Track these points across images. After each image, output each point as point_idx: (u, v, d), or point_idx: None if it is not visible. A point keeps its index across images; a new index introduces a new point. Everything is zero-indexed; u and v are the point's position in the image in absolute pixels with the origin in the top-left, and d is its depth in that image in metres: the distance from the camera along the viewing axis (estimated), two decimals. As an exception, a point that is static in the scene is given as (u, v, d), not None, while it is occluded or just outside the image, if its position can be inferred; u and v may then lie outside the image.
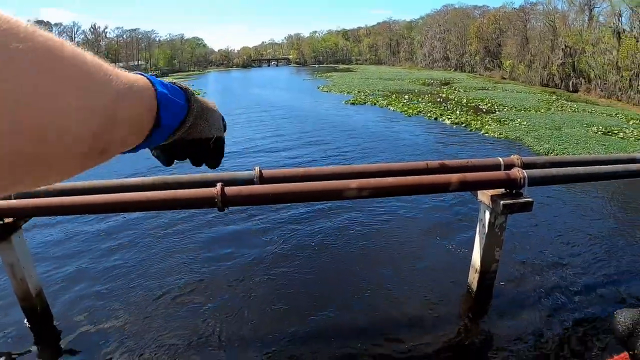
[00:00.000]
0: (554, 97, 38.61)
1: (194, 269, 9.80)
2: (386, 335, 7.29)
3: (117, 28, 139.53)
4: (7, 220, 7.04)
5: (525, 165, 7.13)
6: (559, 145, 19.39)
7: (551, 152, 18.36)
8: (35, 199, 6.86)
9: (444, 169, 7.00)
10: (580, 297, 7.99)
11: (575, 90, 45.41)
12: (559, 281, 8.46)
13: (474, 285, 7.67)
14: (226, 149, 1.18)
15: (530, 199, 6.68)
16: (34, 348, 7.58)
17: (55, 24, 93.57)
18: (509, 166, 7.08)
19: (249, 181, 7.08)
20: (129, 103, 0.70)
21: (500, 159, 7.32)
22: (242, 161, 20.21)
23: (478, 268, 7.44)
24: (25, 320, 7.87)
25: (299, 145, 22.87)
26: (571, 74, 46.80)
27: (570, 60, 46.88)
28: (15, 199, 6.93)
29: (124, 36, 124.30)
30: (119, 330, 7.82)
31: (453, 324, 7.45)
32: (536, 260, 9.22)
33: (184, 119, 0.93)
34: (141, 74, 0.80)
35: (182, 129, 0.93)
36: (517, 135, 21.55)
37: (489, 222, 6.95)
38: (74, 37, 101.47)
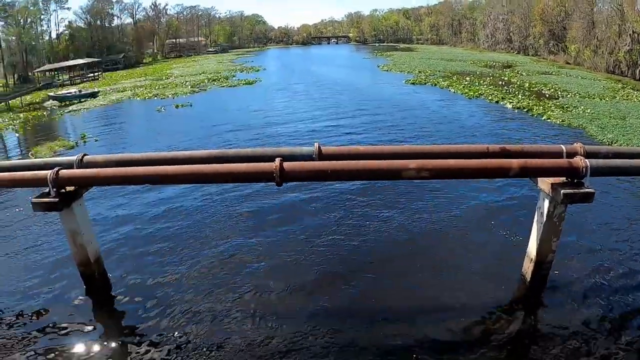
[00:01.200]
0: (620, 85, 36.83)
1: (250, 241, 10.11)
2: (436, 320, 7.38)
3: (177, 5, 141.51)
4: (69, 188, 7.41)
5: (588, 155, 6.90)
6: (623, 135, 18.61)
7: (615, 143, 17.65)
8: (96, 169, 7.25)
9: (504, 154, 6.91)
10: (637, 300, 7.63)
11: (643, 79, 43.30)
12: (615, 276, 8.19)
13: (528, 275, 7.56)
14: (287, 125, 1.12)
15: (592, 190, 6.50)
16: (92, 313, 8.02)
17: (117, 1, 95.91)
18: (571, 154, 6.88)
19: (307, 157, 7.21)
20: None
21: (563, 147, 7.13)
22: (302, 135, 20.43)
23: (534, 258, 7.32)
24: (84, 285, 8.29)
25: (359, 122, 22.95)
26: (639, 62, 44.53)
27: (638, 47, 44.55)
28: (77, 168, 7.38)
29: (184, 13, 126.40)
30: (172, 298, 8.20)
31: (505, 313, 7.39)
32: (594, 253, 8.96)
33: None
34: None
35: None
36: (580, 122, 20.80)
37: (548, 211, 6.82)
38: (135, 14, 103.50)
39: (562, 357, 6.38)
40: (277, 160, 6.58)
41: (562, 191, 6.46)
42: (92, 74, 60.94)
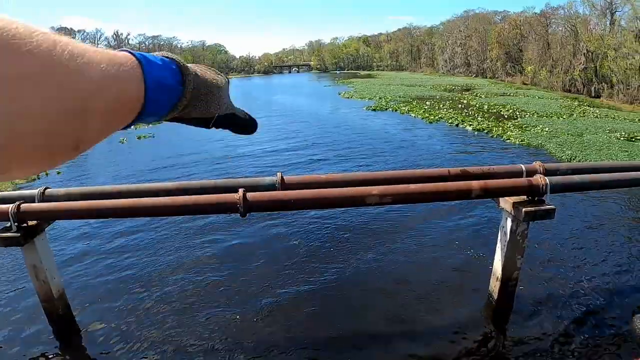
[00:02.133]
0: (576, 102, 38.13)
1: (219, 275, 9.90)
2: (404, 342, 7.34)
3: (140, 35, 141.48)
4: (31, 223, 7.16)
5: (548, 172, 7.09)
6: (581, 151, 19.17)
7: (574, 159, 18.16)
8: (58, 203, 7.03)
9: (465, 176, 6.99)
10: (600, 304, 7.95)
11: (598, 96, 44.78)
12: (579, 288, 8.42)
13: (495, 294, 7.58)
14: (250, 155, 1.14)
15: (552, 206, 6.59)
16: (56, 350, 7.75)
17: (79, 31, 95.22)
18: (531, 173, 7.03)
19: (270, 187, 7.15)
20: (109, 93, 0.67)
21: (522, 166, 7.28)
22: (264, 165, 20.41)
23: (499, 276, 7.35)
24: (48, 322, 7.94)
25: (321, 150, 23.06)
26: (593, 79, 46.18)
27: (592, 65, 46.28)
28: (39, 202, 7.15)
29: (146, 43, 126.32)
30: (139, 336, 7.94)
31: (473, 332, 7.44)
32: (557, 267, 9.17)
33: (177, 101, 0.87)
34: (129, 52, 0.76)
35: (175, 111, 0.88)
36: (539, 141, 21.35)
37: (511, 230, 6.89)
38: (97, 43, 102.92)
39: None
40: (240, 190, 6.49)
41: (523, 210, 6.54)
42: None
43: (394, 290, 8.92)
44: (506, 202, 6.89)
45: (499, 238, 7.34)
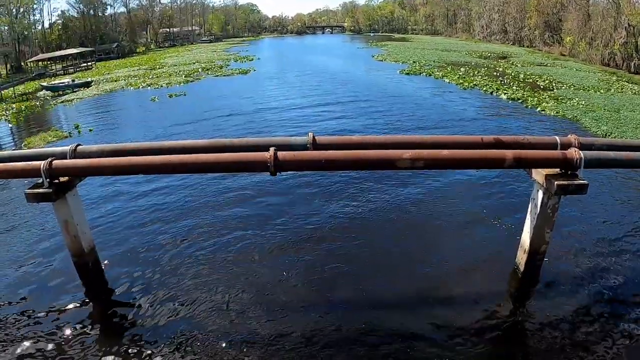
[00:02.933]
0: (615, 77, 36.81)
1: (245, 231, 10.08)
2: (427, 305, 7.46)
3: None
4: (62, 179, 7.32)
5: (583, 146, 6.88)
6: (617, 128, 18.62)
7: (609, 135, 17.67)
8: (89, 159, 7.19)
9: (499, 145, 6.90)
10: (627, 285, 7.73)
11: (637, 72, 43.19)
12: (608, 268, 8.20)
13: (522, 266, 7.57)
14: (282, 114, 1.10)
15: (585, 182, 6.47)
16: (85, 301, 8.03)
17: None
18: (566, 146, 6.87)
19: (302, 147, 7.19)
20: None
21: (557, 138, 7.11)
22: (296, 124, 20.40)
23: (527, 249, 7.32)
24: (78, 275, 8.26)
25: (353, 111, 22.87)
26: (634, 55, 44.47)
27: (634, 40, 44.50)
28: (70, 158, 7.32)
29: (178, 2, 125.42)
30: (165, 288, 8.20)
31: (497, 302, 7.45)
32: (586, 245, 8.96)
33: None
34: None
35: None
36: (575, 114, 20.79)
37: (542, 202, 6.81)
38: (128, 3, 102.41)
39: (554, 346, 6.42)
40: (271, 150, 6.56)
41: (555, 183, 6.44)
42: (85, 64, 60.33)
43: (420, 254, 8.97)
44: (539, 174, 6.79)
45: (529, 210, 7.27)
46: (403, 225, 10.18)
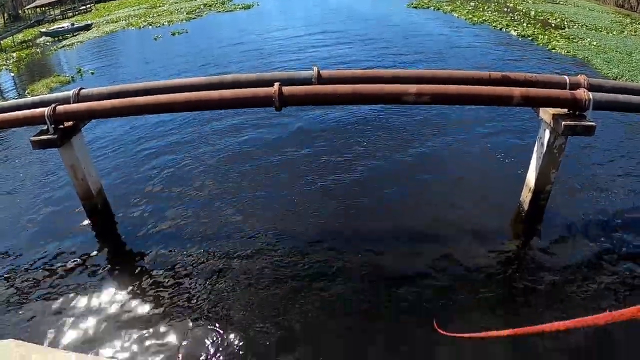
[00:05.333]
0: (629, 19, 35.67)
1: (250, 167, 10.18)
2: (430, 243, 7.56)
3: None
4: (67, 124, 7.37)
5: (592, 88, 6.70)
6: (629, 71, 18.21)
7: (620, 78, 17.29)
8: (93, 102, 7.15)
9: (506, 82, 6.74)
10: (633, 232, 7.59)
11: (653, 15, 42.05)
12: (611, 213, 8.10)
13: (526, 205, 7.60)
14: (285, 47, 1.05)
15: (593, 123, 6.38)
16: (96, 243, 8.21)
17: None
18: (575, 86, 6.70)
19: (307, 81, 7.08)
20: None
21: (567, 78, 6.94)
22: (300, 58, 20.05)
23: (532, 187, 7.32)
24: (88, 218, 8.49)
25: (358, 46, 22.24)
26: (651, -4, 43.16)
27: (652, -20, 43.08)
28: (74, 103, 7.27)
29: None
30: (172, 227, 8.36)
31: (500, 240, 7.53)
32: (591, 188, 8.85)
33: None
34: None
35: None
36: (586, 55, 20.28)
37: (548, 142, 6.75)
38: None
39: (557, 283, 6.54)
40: (276, 84, 6.51)
41: (563, 122, 6.35)
42: (83, 6, 58.69)
43: (424, 189, 9.01)
44: (546, 113, 6.69)
45: (535, 149, 7.22)
46: (408, 160, 10.19)
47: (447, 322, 5.73)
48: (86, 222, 8.53)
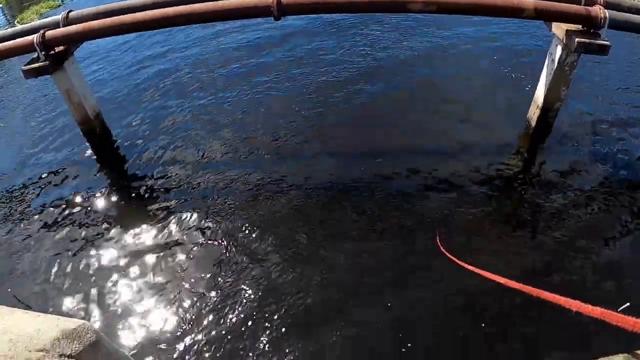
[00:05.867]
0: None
1: (254, 90, 9.84)
2: (435, 154, 7.56)
3: None
4: (57, 49, 7.13)
5: (609, 5, 6.36)
6: (650, -8, 17.54)
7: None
8: (83, 24, 6.88)
9: (519, -8, 6.41)
10: None
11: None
12: (622, 139, 7.73)
13: (533, 121, 7.40)
14: None
15: (607, 42, 6.04)
16: (96, 167, 8.18)
17: None
18: (591, 2, 6.37)
19: (305, -11, 6.79)
20: None
21: (583, -7, 6.60)
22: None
23: (540, 104, 7.10)
24: (87, 142, 8.40)
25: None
26: None
27: None
28: (63, 26, 7.05)
29: None
30: (175, 150, 8.24)
31: (506, 155, 7.40)
32: (602, 112, 8.45)
33: None
34: None
35: None
36: (605, -32, 19.43)
37: (560, 58, 6.46)
38: None
39: (562, 203, 6.44)
40: (274, -6, 6.22)
41: (576, 39, 6.03)
42: None
43: (430, 104, 8.77)
44: (559, 28, 6.38)
45: (545, 64, 6.95)
46: (414, 74, 9.89)
47: (449, 238, 5.66)
48: (85, 146, 8.47)
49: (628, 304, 3.56)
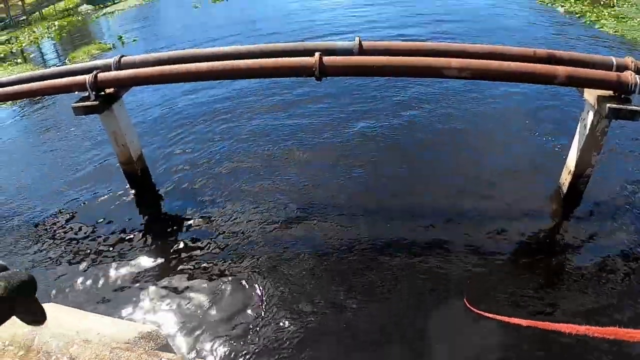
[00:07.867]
0: (685, 0, 34.25)
1: (291, 135, 10.35)
2: (465, 216, 7.57)
3: None
4: (108, 91, 7.55)
5: (640, 71, 6.58)
6: (680, 56, 17.49)
7: (670, 63, 16.64)
8: (134, 70, 7.32)
9: (551, 60, 6.62)
10: None
11: None
12: None
13: (565, 187, 7.49)
14: (320, 14, 1.05)
15: (639, 108, 6.13)
16: (136, 208, 8.62)
17: None
18: (622, 68, 6.50)
19: (348, 51, 7.10)
20: None
21: (613, 59, 6.73)
22: (340, 30, 19.70)
23: (572, 170, 7.20)
24: (127, 183, 8.80)
25: (397, 15, 21.66)
26: None
27: None
28: (115, 70, 7.45)
29: None
30: (213, 193, 8.62)
31: (537, 220, 7.47)
32: (634, 178, 8.37)
33: None
34: None
35: None
36: (635, 36, 19.43)
37: (591, 124, 6.60)
38: None
39: (592, 270, 6.44)
40: (317, 54, 6.51)
41: (607, 105, 6.17)
42: None
43: (460, 165, 8.94)
44: (590, 94, 6.54)
45: (577, 130, 7.08)
46: (445, 136, 10.10)
47: (476, 300, 5.73)
48: (127, 186, 8.87)
49: None
